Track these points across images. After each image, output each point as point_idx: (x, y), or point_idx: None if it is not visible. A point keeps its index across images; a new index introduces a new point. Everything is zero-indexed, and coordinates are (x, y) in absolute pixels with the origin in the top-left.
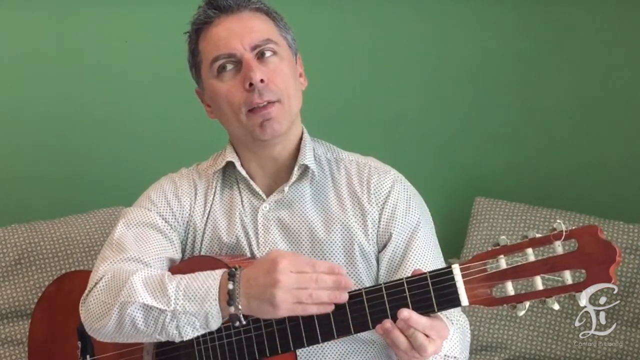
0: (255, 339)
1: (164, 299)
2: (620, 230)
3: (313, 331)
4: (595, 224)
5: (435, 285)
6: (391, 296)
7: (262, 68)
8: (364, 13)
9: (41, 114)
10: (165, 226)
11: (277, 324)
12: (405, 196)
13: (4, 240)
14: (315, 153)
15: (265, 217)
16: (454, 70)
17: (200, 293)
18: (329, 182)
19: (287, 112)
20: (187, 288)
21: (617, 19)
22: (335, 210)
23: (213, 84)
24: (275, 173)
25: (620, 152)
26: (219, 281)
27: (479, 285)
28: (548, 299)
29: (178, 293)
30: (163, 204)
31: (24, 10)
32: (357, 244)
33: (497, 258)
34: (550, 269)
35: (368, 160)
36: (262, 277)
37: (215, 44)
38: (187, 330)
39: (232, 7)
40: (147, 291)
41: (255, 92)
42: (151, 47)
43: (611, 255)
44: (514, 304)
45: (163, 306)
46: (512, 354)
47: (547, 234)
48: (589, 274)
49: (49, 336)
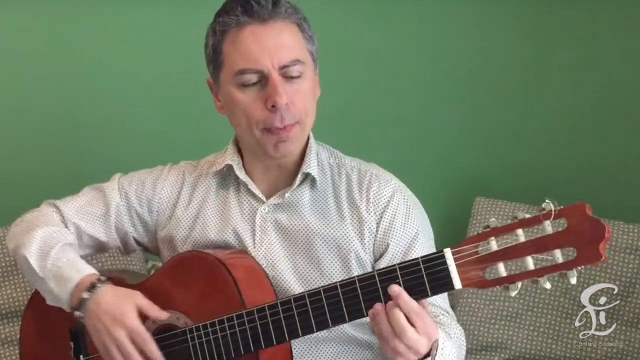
0: (249, 331)
1: (42, 264)
2: (620, 230)
3: (307, 320)
4: (583, 202)
5: (427, 270)
6: (384, 282)
7: (288, 89)
8: (363, 13)
9: (41, 114)
10: (118, 211)
11: (271, 315)
12: (405, 207)
13: (4, 240)
14: (319, 158)
15: (263, 219)
16: (454, 70)
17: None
18: (329, 188)
19: (303, 132)
20: (60, 266)
21: (617, 19)
22: (333, 216)
23: (233, 92)
24: (277, 177)
25: (620, 152)
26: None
27: (471, 267)
28: (540, 278)
29: (53, 266)
30: (138, 188)
31: (24, 10)
32: (353, 252)
33: (488, 240)
34: (540, 248)
35: (370, 167)
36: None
37: (244, 55)
38: (47, 297)
39: (266, 17)
40: (37, 253)
41: (278, 114)
42: (151, 47)
43: (600, 232)
44: (507, 284)
45: (39, 271)
46: (512, 354)
47: (536, 214)
48: (579, 252)
49: (41, 337)
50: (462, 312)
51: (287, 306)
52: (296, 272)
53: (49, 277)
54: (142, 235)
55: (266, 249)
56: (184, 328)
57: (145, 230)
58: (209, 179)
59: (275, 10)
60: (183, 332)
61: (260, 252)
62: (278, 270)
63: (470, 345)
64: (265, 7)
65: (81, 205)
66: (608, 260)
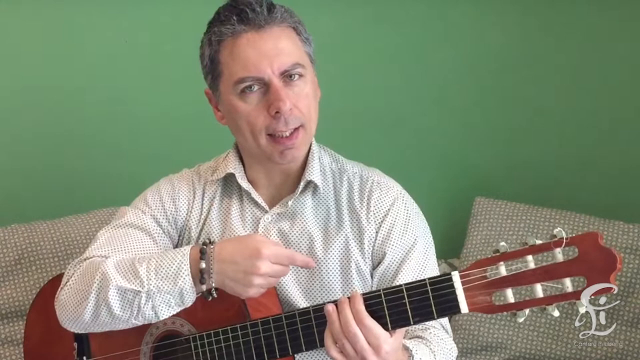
0: (253, 343)
1: (137, 280)
2: (620, 230)
3: (311, 335)
4: (595, 231)
5: (434, 292)
6: (390, 302)
7: (290, 94)
8: (363, 13)
9: (41, 114)
10: (156, 229)
11: (275, 329)
12: (405, 215)
13: (4, 240)
14: (321, 163)
15: (266, 228)
16: (454, 70)
17: (171, 270)
18: (331, 194)
19: (308, 136)
20: (158, 267)
21: (617, 19)
22: (334, 225)
23: (234, 101)
24: (281, 184)
25: (620, 152)
26: (189, 257)
27: (479, 292)
28: (548, 306)
29: (150, 273)
30: (158, 207)
31: (24, 10)
32: (353, 260)
33: (497, 265)
34: (550, 276)
35: (372, 173)
36: (243, 261)
37: (243, 64)
38: (163, 309)
39: (262, 24)
40: (120, 274)
41: (281, 120)
42: (151, 47)
43: (612, 263)
44: (514, 311)
45: (137, 287)
46: (512, 354)
47: (547, 240)
48: (589, 281)
49: (45, 337)
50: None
51: (291, 320)
52: (298, 283)
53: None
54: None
55: None
56: (188, 336)
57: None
58: (213, 187)
59: (270, 16)
60: (187, 339)
61: None
62: (280, 280)
63: (470, 345)
64: (261, 14)
65: (113, 241)
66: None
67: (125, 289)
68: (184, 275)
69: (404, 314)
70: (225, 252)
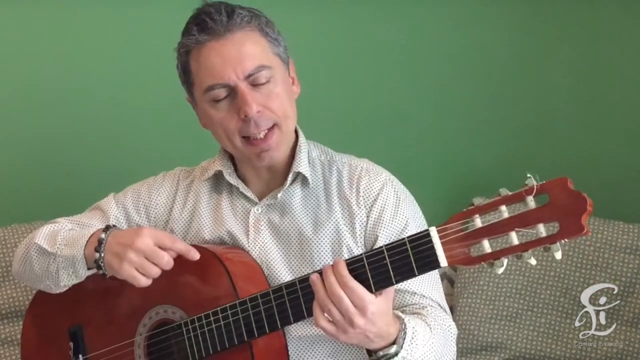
0: (243, 320)
1: (52, 243)
2: (620, 230)
3: (299, 306)
4: (565, 177)
5: (414, 249)
6: (372, 264)
7: (257, 97)
8: (363, 12)
9: (41, 114)
10: (117, 217)
11: (264, 304)
12: (394, 199)
13: (4, 240)
14: (310, 156)
15: (256, 219)
16: (453, 69)
17: (74, 239)
18: (320, 184)
19: (285, 135)
20: (69, 235)
21: (617, 19)
22: (324, 213)
23: (207, 109)
24: (269, 179)
25: (620, 152)
26: (92, 231)
27: (456, 245)
28: (524, 253)
29: (62, 240)
30: (134, 197)
31: (24, 10)
32: (345, 246)
33: (473, 217)
34: (524, 223)
35: (361, 162)
36: (126, 236)
37: (209, 71)
38: (62, 274)
39: (222, 31)
40: (45, 237)
41: (252, 122)
42: (151, 47)
43: (582, 205)
44: (491, 260)
45: (50, 249)
46: (512, 354)
47: (519, 190)
48: (562, 225)
49: (41, 339)
50: (462, 312)
51: (278, 294)
52: (291, 271)
53: (61, 248)
54: None
55: (260, 248)
56: (179, 322)
57: None
58: (202, 184)
59: (231, 22)
60: (179, 325)
61: (254, 252)
62: (273, 269)
63: (470, 345)
64: (220, 22)
65: (79, 219)
66: (608, 261)
67: (42, 248)
68: (79, 246)
69: (386, 274)
70: (121, 232)
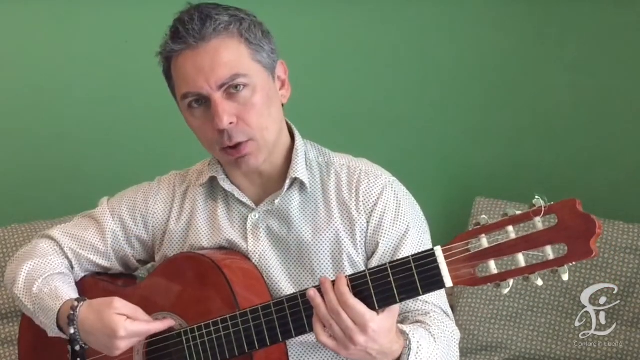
0: (243, 332)
1: (29, 299)
2: (620, 230)
3: (300, 320)
4: (573, 198)
5: (418, 269)
6: (375, 282)
7: (232, 107)
8: (364, 12)
9: (41, 114)
10: (112, 230)
11: (265, 317)
12: (395, 203)
13: (4, 240)
14: (307, 158)
15: (254, 225)
16: (454, 70)
17: (47, 316)
18: (318, 189)
19: (262, 146)
20: (41, 304)
21: (617, 19)
22: (324, 219)
23: (186, 115)
24: (264, 184)
25: (620, 152)
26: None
27: (462, 265)
28: (531, 275)
29: (36, 302)
30: (129, 206)
31: (24, 10)
32: (345, 253)
33: (479, 237)
34: (531, 245)
35: (360, 163)
36: (102, 337)
37: (184, 79)
38: (47, 330)
39: (194, 40)
40: (22, 284)
41: (225, 135)
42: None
43: (591, 228)
44: (498, 282)
45: (28, 304)
46: (512, 354)
47: (527, 210)
48: (570, 248)
49: (39, 342)
50: (462, 312)
51: (280, 307)
52: (291, 279)
53: (37, 311)
54: (141, 253)
55: (259, 255)
56: (179, 330)
57: (144, 248)
58: (197, 190)
59: (204, 31)
60: (178, 334)
61: (253, 259)
62: (272, 277)
63: (470, 345)
64: (193, 31)
65: (76, 233)
66: (608, 261)
67: (23, 304)
68: (53, 323)
69: (389, 292)
70: (87, 324)
